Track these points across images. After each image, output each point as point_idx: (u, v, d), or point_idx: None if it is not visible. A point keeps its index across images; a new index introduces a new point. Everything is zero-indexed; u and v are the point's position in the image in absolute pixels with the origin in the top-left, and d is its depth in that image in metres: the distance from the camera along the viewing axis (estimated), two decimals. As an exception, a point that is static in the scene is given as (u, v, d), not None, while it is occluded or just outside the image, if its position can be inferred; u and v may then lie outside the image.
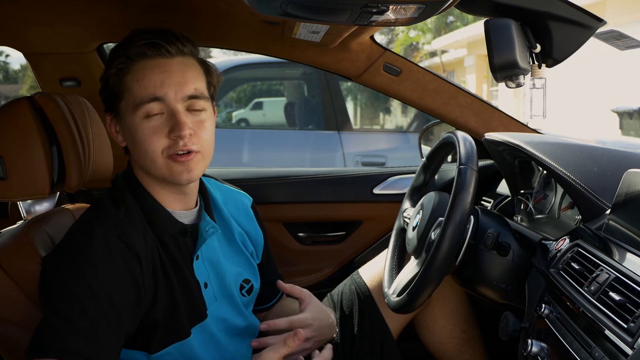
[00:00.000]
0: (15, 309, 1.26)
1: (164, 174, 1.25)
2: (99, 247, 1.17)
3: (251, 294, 1.47)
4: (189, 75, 1.26)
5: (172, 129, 1.22)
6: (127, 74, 1.24)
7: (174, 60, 1.25)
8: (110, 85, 1.27)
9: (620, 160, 1.41)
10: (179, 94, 1.23)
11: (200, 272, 1.34)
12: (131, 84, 1.24)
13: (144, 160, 1.25)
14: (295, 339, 1.09)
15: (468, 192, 1.30)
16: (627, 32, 1.60)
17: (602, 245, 1.16)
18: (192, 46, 1.29)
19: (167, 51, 1.24)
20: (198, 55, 1.31)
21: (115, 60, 1.26)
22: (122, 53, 1.25)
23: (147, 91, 1.22)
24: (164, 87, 1.22)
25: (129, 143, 1.28)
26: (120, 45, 1.27)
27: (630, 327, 0.91)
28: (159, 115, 1.23)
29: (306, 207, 2.19)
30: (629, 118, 8.26)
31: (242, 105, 6.25)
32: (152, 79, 1.22)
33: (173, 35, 1.26)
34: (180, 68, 1.25)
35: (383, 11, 1.18)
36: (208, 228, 1.34)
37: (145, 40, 1.24)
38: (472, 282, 1.47)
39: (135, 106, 1.23)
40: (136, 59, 1.24)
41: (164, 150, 1.23)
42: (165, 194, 1.31)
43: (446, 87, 2.03)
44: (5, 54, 21.35)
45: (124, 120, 1.27)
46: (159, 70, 1.23)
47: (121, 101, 1.26)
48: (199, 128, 1.25)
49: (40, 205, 2.08)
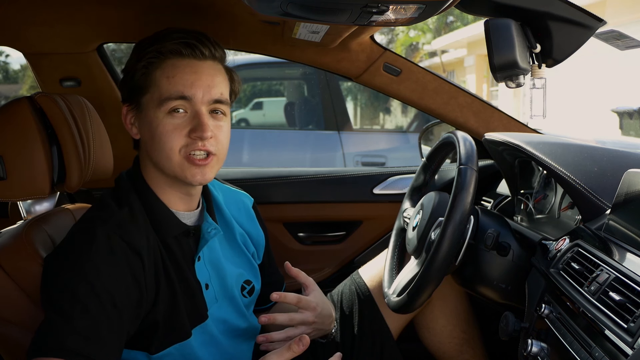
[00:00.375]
0: (16, 309, 1.26)
1: (177, 172, 1.25)
2: (101, 246, 1.16)
3: (252, 295, 1.47)
4: (218, 80, 1.27)
5: (194, 128, 1.23)
6: (157, 69, 1.25)
7: (205, 63, 1.27)
8: (137, 78, 1.27)
9: (620, 160, 1.41)
10: (206, 97, 1.24)
11: (202, 273, 1.34)
12: (160, 79, 1.24)
13: (159, 155, 1.25)
14: (300, 344, 1.07)
15: (468, 192, 1.30)
16: (627, 32, 1.60)
17: (602, 245, 1.16)
18: (222, 52, 1.31)
19: (200, 53, 1.25)
20: (225, 62, 1.33)
21: (145, 54, 1.26)
22: (155, 48, 1.25)
23: (176, 88, 1.23)
24: (194, 87, 1.24)
25: (146, 136, 1.28)
26: (153, 40, 1.27)
27: (630, 327, 0.91)
28: (183, 113, 1.24)
29: (306, 207, 2.19)
30: (629, 118, 8.26)
31: (242, 105, 6.24)
32: (183, 77, 1.24)
33: (207, 38, 1.28)
34: (210, 72, 1.27)
35: (383, 11, 1.18)
36: (210, 230, 1.34)
37: (180, 39, 1.25)
38: (472, 282, 1.47)
39: (161, 101, 1.23)
40: (169, 55, 1.24)
41: (182, 148, 1.24)
42: (170, 193, 1.31)
43: (446, 87, 2.03)
44: (5, 54, 21.33)
45: (145, 113, 1.27)
46: (190, 70, 1.24)
47: (145, 95, 1.26)
48: (219, 131, 1.27)
49: (40, 205, 2.08)
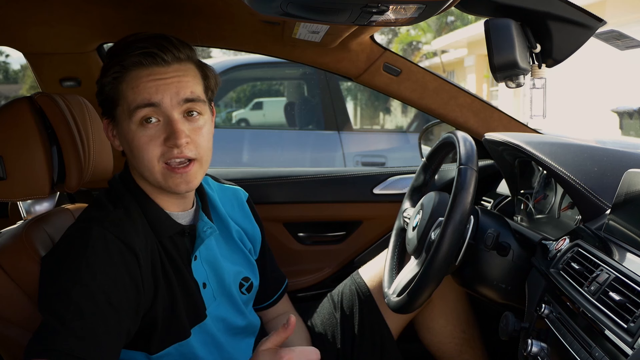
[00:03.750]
0: (16, 309, 1.26)
1: (161, 182, 1.24)
2: (97, 246, 1.16)
3: (251, 291, 1.47)
4: (185, 80, 1.24)
5: (168, 137, 1.21)
6: (122, 82, 1.23)
7: (170, 67, 1.23)
8: (106, 92, 1.26)
9: (620, 160, 1.41)
10: (174, 99, 1.22)
11: (199, 272, 1.33)
12: (126, 91, 1.22)
13: (141, 167, 1.24)
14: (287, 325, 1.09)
15: (468, 192, 1.30)
16: (627, 32, 1.60)
17: (602, 245, 1.16)
18: (188, 50, 1.27)
19: (162, 60, 1.22)
20: (195, 59, 1.29)
21: (110, 69, 1.24)
22: (117, 61, 1.23)
23: (141, 96, 1.21)
24: (159, 92, 1.21)
25: (126, 149, 1.27)
26: (115, 52, 1.25)
27: (630, 327, 0.91)
28: (156, 123, 1.21)
29: (306, 207, 2.18)
30: (629, 118, 8.26)
31: (242, 105, 6.24)
32: (147, 86, 1.21)
33: (169, 41, 1.24)
34: (177, 74, 1.23)
35: (383, 11, 1.17)
36: (206, 229, 1.34)
37: (140, 50, 1.21)
38: (472, 282, 1.47)
39: (130, 112, 1.21)
40: (131, 68, 1.22)
41: (160, 158, 1.22)
42: (162, 197, 1.30)
43: (446, 87, 2.03)
44: (5, 54, 21.36)
45: (120, 126, 1.25)
46: (154, 78, 1.21)
47: (117, 107, 1.25)
48: (196, 135, 1.24)
49: (40, 205, 2.08)
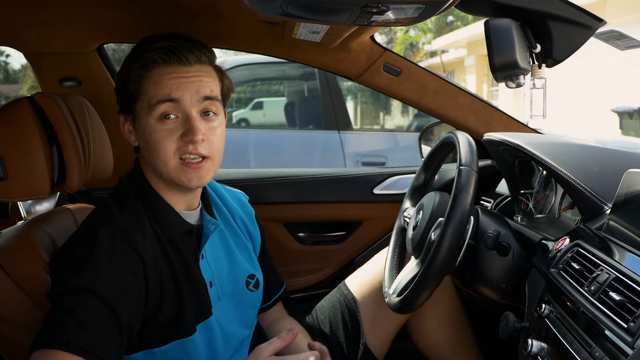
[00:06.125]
0: (16, 309, 1.26)
1: (174, 177, 1.27)
2: (103, 248, 1.18)
3: (259, 288, 1.49)
4: (206, 80, 1.28)
5: (185, 132, 1.25)
6: (145, 79, 1.26)
7: (192, 67, 1.27)
8: (128, 89, 1.29)
9: (620, 160, 1.41)
10: (194, 97, 1.26)
11: (206, 271, 1.35)
12: (148, 87, 1.26)
13: (156, 162, 1.27)
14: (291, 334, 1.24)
15: (468, 193, 1.30)
16: (627, 32, 1.60)
17: (602, 245, 1.16)
18: (209, 54, 1.31)
19: (186, 59, 1.26)
20: (214, 62, 1.33)
21: (133, 65, 1.28)
22: (140, 59, 1.27)
23: (163, 91, 1.24)
24: (180, 89, 1.25)
25: (142, 144, 1.30)
26: (138, 50, 1.29)
27: (630, 327, 0.91)
28: (174, 119, 1.25)
29: (306, 207, 2.18)
30: (629, 118, 8.27)
31: (242, 105, 6.23)
32: (169, 83, 1.25)
33: (191, 42, 1.29)
34: (198, 74, 1.28)
35: (383, 11, 1.17)
36: (210, 225, 1.37)
37: (163, 48, 1.26)
38: (472, 282, 1.46)
39: (151, 106, 1.25)
40: (155, 65, 1.26)
41: (175, 152, 1.26)
42: (172, 194, 1.33)
43: (446, 87, 2.03)
44: (6, 54, 21.38)
45: (139, 121, 1.29)
46: (177, 75, 1.26)
47: (137, 103, 1.28)
48: (211, 134, 1.28)
49: (41, 205, 2.08)
